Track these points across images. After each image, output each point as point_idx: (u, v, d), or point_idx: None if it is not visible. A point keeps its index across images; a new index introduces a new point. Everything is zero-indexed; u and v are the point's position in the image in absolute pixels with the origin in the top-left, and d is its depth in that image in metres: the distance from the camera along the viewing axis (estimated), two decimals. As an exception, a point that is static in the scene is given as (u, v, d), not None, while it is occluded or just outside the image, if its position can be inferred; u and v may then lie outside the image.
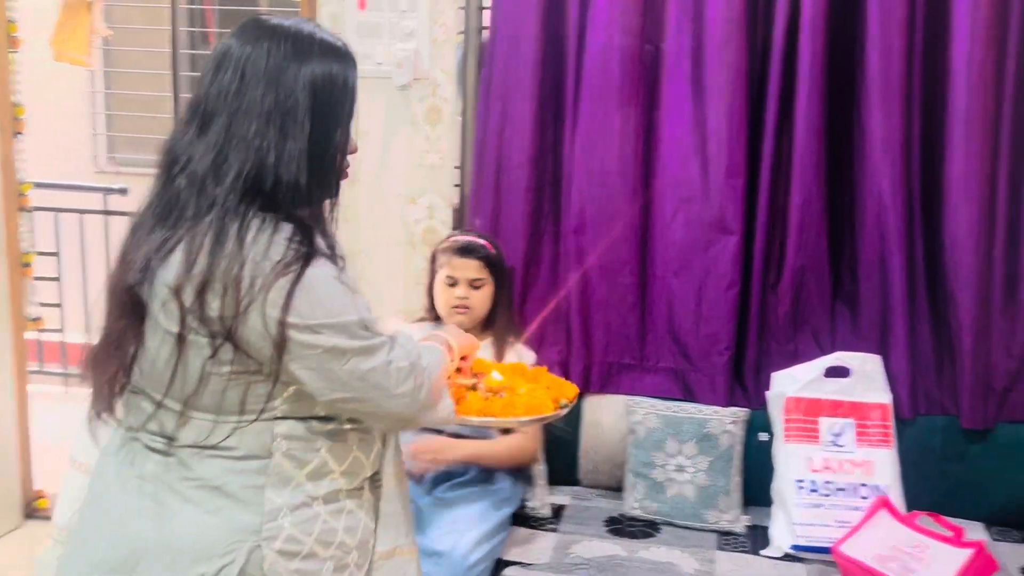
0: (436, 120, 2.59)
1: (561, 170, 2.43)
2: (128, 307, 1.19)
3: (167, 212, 1.19)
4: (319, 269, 1.16)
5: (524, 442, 2.17)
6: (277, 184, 1.17)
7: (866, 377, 2.27)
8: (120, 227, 1.39)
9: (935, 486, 2.28)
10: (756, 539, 2.21)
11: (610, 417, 2.42)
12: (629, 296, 2.43)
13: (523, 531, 2.18)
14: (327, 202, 1.27)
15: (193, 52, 4.90)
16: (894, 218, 2.25)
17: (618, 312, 2.43)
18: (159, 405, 1.20)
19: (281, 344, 1.14)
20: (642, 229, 2.42)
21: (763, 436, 2.33)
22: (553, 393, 1.60)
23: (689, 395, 2.40)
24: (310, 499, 1.21)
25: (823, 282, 2.35)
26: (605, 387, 2.45)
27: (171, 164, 1.21)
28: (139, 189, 1.32)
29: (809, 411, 2.25)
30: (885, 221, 2.27)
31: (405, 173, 2.61)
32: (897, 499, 2.19)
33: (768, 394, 2.32)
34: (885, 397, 2.27)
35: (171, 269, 1.15)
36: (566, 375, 2.44)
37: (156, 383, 1.19)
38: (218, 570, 1.15)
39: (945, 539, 2.03)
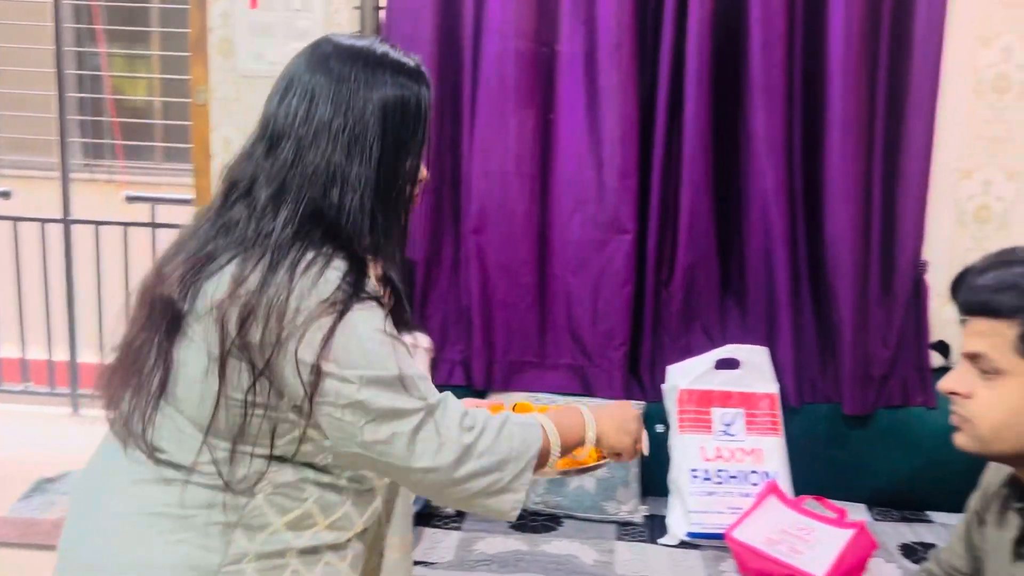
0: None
1: (460, 170, 2.45)
2: (158, 318, 1.12)
3: (222, 233, 1.12)
4: (364, 313, 1.09)
5: None
6: (340, 213, 1.11)
7: (754, 368, 2.37)
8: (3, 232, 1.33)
9: (821, 471, 2.39)
10: (654, 528, 2.28)
11: (512, 414, 2.45)
12: (529, 295, 2.46)
13: (427, 530, 2.19)
14: (396, 234, 1.19)
15: (79, 50, 4.72)
16: (778, 216, 2.35)
17: (518, 311, 2.47)
18: (164, 416, 1.12)
19: (312, 385, 1.06)
20: (540, 229, 2.46)
21: (659, 428, 2.40)
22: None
23: (587, 390, 2.45)
24: (284, 549, 1.12)
25: (712, 278, 2.44)
26: (507, 385, 2.48)
27: (231, 187, 1.16)
28: (23, 193, 1.27)
29: (701, 402, 2.33)
30: (770, 219, 2.36)
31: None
32: (785, 484, 2.29)
33: (663, 387, 2.40)
34: (773, 387, 2.37)
35: (218, 287, 1.09)
36: (468, 373, 2.47)
37: (176, 398, 1.12)
38: None
39: (829, 521, 2.13)
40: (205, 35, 2.54)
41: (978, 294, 1.13)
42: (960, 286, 1.16)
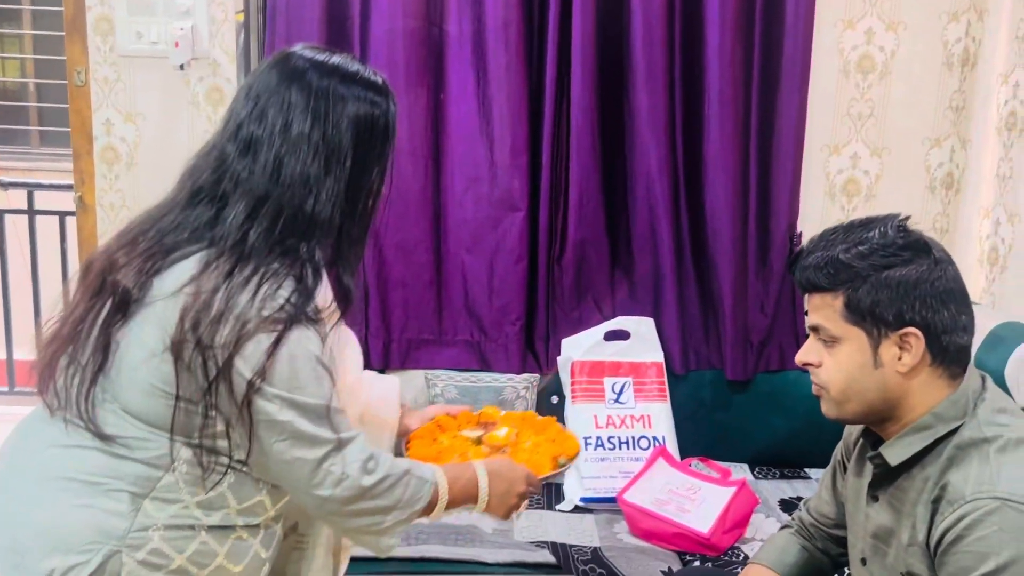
0: (218, 100, 2.53)
1: (352, 151, 2.45)
2: (106, 302, 1.14)
3: (185, 228, 1.15)
4: (304, 336, 1.13)
5: None
6: (312, 224, 1.16)
7: (642, 339, 2.47)
8: None
9: (706, 434, 2.51)
10: (551, 496, 2.35)
11: (411, 392, 2.48)
12: (425, 274, 2.49)
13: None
14: (358, 245, 1.25)
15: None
16: (662, 193, 2.45)
17: (415, 290, 2.50)
18: (99, 391, 1.14)
19: (244, 396, 1.10)
20: (434, 208, 2.49)
21: (555, 399, 2.48)
22: (556, 448, 1.57)
23: (485, 365, 2.51)
24: (194, 524, 1.14)
25: (602, 253, 2.52)
26: (405, 363, 2.51)
27: (198, 186, 1.17)
28: None
29: (593, 372, 2.42)
30: (654, 196, 2.46)
31: (188, 155, 2.52)
32: (673, 448, 2.40)
33: (558, 359, 2.47)
34: (659, 356, 2.48)
35: (178, 279, 1.11)
36: (366, 353, 2.48)
37: (110, 379, 1.14)
38: (69, 567, 1.09)
39: (714, 480, 2.24)
40: (83, 14, 2.46)
41: (804, 273, 1.24)
42: (793, 267, 1.27)
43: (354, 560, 1.92)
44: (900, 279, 1.17)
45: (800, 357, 1.28)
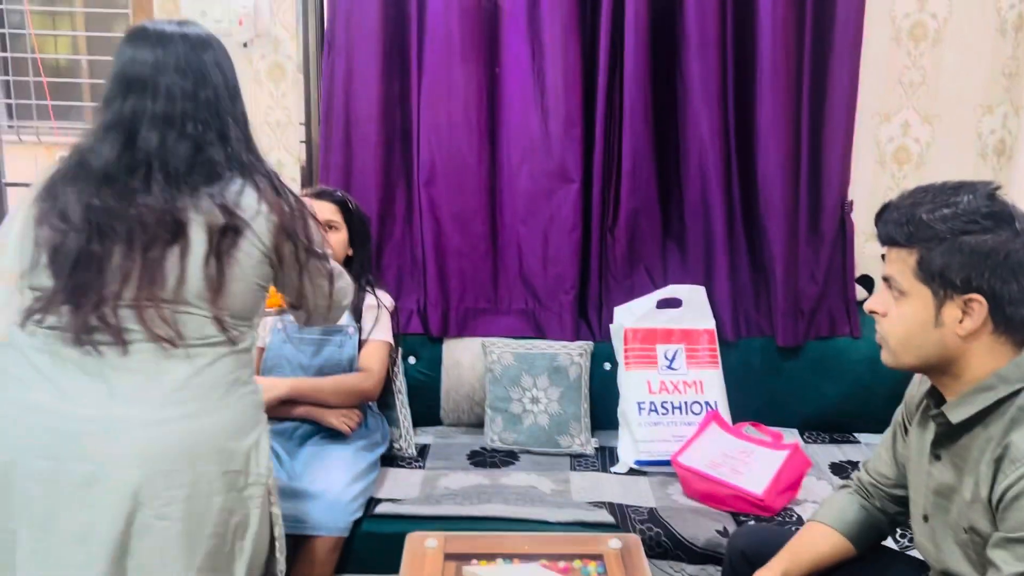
0: (279, 77, 2.59)
1: (410, 123, 2.50)
2: (154, 231, 1.37)
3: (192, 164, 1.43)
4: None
5: (357, 380, 2.18)
6: (248, 139, 1.50)
7: (694, 306, 2.51)
8: None
9: (757, 399, 2.56)
10: (605, 458, 2.43)
11: (468, 358, 2.55)
12: (481, 244, 2.55)
13: (392, 471, 2.29)
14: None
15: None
16: (713, 162, 2.48)
17: (471, 260, 2.56)
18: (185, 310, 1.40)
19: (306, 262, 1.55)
20: (490, 179, 2.54)
21: (607, 365, 2.54)
22: None
23: (539, 332, 2.57)
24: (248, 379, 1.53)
25: (654, 222, 2.56)
26: (462, 331, 2.58)
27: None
28: None
29: (646, 340, 2.47)
30: (706, 165, 2.49)
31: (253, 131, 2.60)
32: (725, 412, 2.45)
33: (610, 327, 2.53)
34: (711, 323, 2.52)
35: (247, 205, 1.43)
36: (424, 322, 2.56)
37: (191, 292, 1.39)
38: (259, 436, 1.47)
39: (766, 444, 2.29)
40: (146, -9, 2.53)
41: (886, 227, 1.28)
42: (879, 220, 1.31)
43: (423, 519, 2.01)
44: (975, 246, 1.20)
45: (869, 305, 1.33)
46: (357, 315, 2.22)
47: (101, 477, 1.31)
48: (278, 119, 2.60)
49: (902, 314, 1.27)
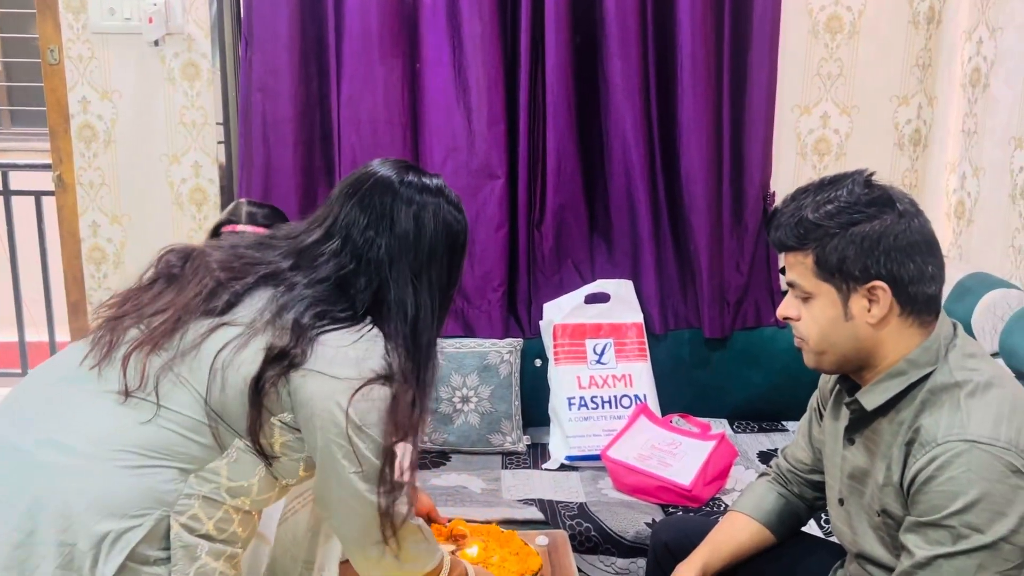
0: (194, 76, 2.53)
1: (330, 122, 2.46)
2: (215, 304, 1.23)
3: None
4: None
5: None
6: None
7: (622, 300, 2.52)
8: None
9: (686, 391, 2.58)
10: (536, 455, 2.42)
11: (396, 359, 2.52)
12: (405, 243, 2.51)
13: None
14: None
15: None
16: (637, 157, 2.49)
17: (396, 260, 2.51)
18: (178, 368, 1.21)
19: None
20: (413, 178, 2.50)
21: (538, 362, 2.53)
22: (519, 565, 1.66)
23: (469, 331, 2.55)
24: (222, 502, 1.23)
25: (580, 218, 2.56)
26: (389, 332, 2.54)
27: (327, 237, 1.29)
28: None
29: (575, 335, 2.47)
30: (630, 159, 2.49)
31: (165, 132, 2.54)
32: (654, 405, 2.46)
33: (540, 323, 2.52)
34: (639, 317, 2.53)
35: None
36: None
37: (194, 372, 1.20)
38: (124, 530, 1.14)
39: (694, 435, 2.31)
40: (52, -9, 2.44)
41: (777, 233, 1.29)
42: (769, 228, 1.32)
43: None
44: (864, 235, 1.22)
45: (780, 312, 1.34)
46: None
47: None
48: (193, 119, 2.54)
49: (813, 315, 1.28)
